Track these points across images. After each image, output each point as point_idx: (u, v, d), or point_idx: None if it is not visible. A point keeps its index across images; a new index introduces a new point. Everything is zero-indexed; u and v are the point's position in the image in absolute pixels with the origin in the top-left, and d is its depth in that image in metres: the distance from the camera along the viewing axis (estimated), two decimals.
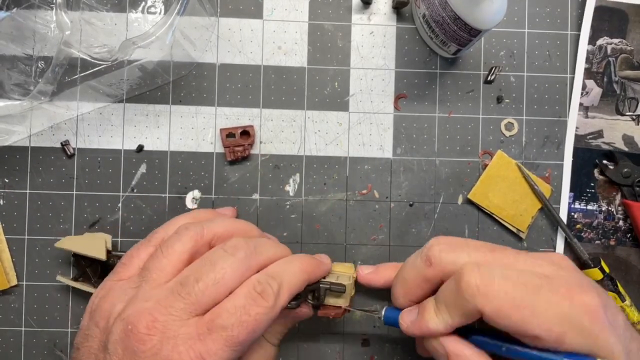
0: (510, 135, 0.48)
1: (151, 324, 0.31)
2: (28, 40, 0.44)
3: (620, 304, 0.46)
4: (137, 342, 0.31)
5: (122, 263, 0.37)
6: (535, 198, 0.47)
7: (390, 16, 0.48)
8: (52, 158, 0.46)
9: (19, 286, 0.46)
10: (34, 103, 0.37)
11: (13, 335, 0.46)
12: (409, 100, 0.48)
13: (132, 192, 0.47)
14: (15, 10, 0.43)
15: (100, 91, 0.44)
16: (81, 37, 0.44)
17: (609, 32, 0.49)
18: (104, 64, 0.38)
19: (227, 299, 0.33)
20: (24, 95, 0.38)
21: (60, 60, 0.37)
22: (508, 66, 0.48)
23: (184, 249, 0.35)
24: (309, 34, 0.48)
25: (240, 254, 0.34)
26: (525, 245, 0.48)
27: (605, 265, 0.47)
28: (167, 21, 0.37)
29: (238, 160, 0.47)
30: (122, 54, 0.37)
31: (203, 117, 0.47)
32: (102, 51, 0.39)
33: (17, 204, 0.46)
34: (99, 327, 0.33)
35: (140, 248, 0.37)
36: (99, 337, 0.33)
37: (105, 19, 0.46)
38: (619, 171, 0.48)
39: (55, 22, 0.38)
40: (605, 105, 0.49)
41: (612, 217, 0.49)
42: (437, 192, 0.48)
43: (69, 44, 0.38)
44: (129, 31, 0.47)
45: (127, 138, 0.47)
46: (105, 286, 0.36)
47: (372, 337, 0.47)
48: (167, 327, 0.31)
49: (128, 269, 0.36)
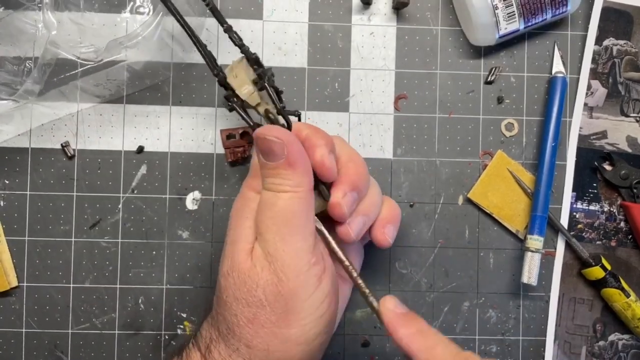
0: (511, 135, 0.48)
1: None
2: (15, 40, 0.44)
3: (625, 300, 0.46)
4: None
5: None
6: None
7: (390, 17, 0.48)
8: (52, 159, 0.46)
9: (20, 287, 0.46)
10: (21, 102, 0.37)
11: (14, 336, 0.46)
12: (409, 101, 0.48)
13: (133, 193, 0.47)
14: (2, 10, 0.43)
15: (88, 91, 0.44)
16: (68, 37, 0.44)
17: (615, 33, 0.49)
18: (90, 64, 0.38)
19: None
20: (12, 95, 0.38)
21: (47, 59, 0.37)
22: (508, 66, 0.48)
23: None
24: (309, 34, 0.48)
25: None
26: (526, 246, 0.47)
27: (607, 262, 0.46)
28: (153, 21, 0.37)
29: (238, 161, 0.47)
30: (109, 54, 0.38)
31: (203, 118, 0.47)
32: (88, 51, 0.39)
33: (17, 205, 0.46)
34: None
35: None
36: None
37: (94, 19, 0.46)
38: (617, 173, 0.48)
39: (43, 22, 0.38)
40: (610, 106, 0.49)
41: (613, 218, 0.48)
42: (437, 193, 0.48)
43: (56, 44, 0.38)
44: (117, 32, 0.46)
45: (127, 139, 0.47)
46: None
47: (372, 338, 0.47)
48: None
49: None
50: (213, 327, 0.35)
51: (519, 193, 0.48)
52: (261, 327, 0.33)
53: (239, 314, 0.33)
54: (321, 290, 0.34)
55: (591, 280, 0.47)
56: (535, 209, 0.46)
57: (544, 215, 0.46)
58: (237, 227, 0.35)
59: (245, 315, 0.33)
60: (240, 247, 0.34)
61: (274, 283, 0.32)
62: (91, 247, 0.46)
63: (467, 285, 0.48)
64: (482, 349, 0.47)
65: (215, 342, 0.34)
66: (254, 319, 0.33)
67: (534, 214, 0.46)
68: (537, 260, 0.45)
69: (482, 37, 0.46)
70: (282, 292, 0.32)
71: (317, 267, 0.34)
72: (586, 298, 0.48)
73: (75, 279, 0.46)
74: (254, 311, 0.33)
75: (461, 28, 0.48)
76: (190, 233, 0.47)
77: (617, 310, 0.46)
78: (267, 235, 0.33)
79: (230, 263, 0.34)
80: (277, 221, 0.33)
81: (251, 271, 0.33)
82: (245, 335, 0.33)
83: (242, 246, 0.34)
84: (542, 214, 0.46)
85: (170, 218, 0.47)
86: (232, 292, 0.33)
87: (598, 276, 0.46)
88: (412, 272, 0.48)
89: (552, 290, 0.48)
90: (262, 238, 0.33)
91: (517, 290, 0.48)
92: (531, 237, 0.45)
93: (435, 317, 0.47)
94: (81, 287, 0.46)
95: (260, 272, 0.33)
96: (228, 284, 0.34)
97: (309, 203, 0.34)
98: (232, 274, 0.34)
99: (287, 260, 0.33)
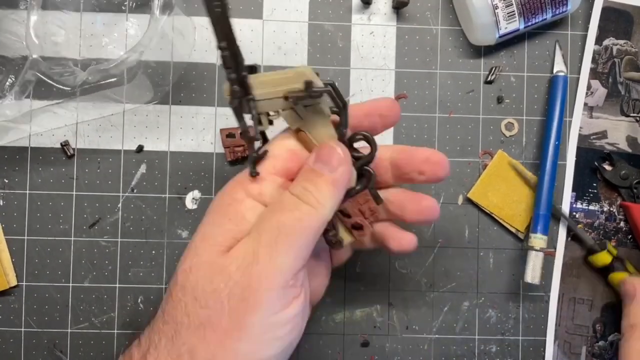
0: (511, 135, 0.48)
1: None
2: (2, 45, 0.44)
3: None
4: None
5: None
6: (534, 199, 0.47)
7: (390, 16, 0.48)
8: (52, 158, 0.46)
9: (19, 287, 0.46)
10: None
11: (13, 335, 0.46)
12: (409, 101, 0.48)
13: (132, 192, 0.47)
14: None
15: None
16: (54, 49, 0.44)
17: (615, 33, 0.49)
18: (68, 89, 0.39)
19: None
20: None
21: (26, 79, 0.38)
22: (508, 66, 0.48)
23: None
24: (309, 34, 0.48)
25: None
26: (526, 246, 0.47)
27: (613, 247, 0.46)
28: (137, 49, 0.38)
29: (238, 161, 0.47)
30: (90, 78, 0.38)
31: (203, 118, 0.47)
32: (68, 77, 0.39)
33: (16, 204, 0.46)
34: None
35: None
36: None
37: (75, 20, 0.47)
38: (617, 173, 0.48)
39: (25, 42, 0.38)
40: (610, 105, 0.49)
41: (613, 218, 0.48)
42: (437, 192, 0.48)
43: (37, 65, 0.38)
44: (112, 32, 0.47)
45: (126, 138, 0.47)
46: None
47: (372, 338, 0.47)
48: None
49: None
50: (154, 332, 0.32)
51: (520, 193, 0.48)
52: (212, 332, 0.30)
53: (192, 314, 0.30)
54: (286, 313, 0.32)
55: (597, 268, 0.47)
56: (538, 207, 0.46)
57: (548, 213, 0.46)
58: (214, 225, 0.33)
59: (198, 317, 0.30)
60: (213, 244, 0.32)
61: (244, 287, 0.30)
62: (90, 246, 0.46)
63: (466, 285, 0.48)
64: (481, 349, 0.47)
65: (155, 347, 0.31)
66: (207, 322, 0.30)
67: (537, 212, 0.46)
68: (540, 259, 0.45)
69: (482, 37, 0.46)
70: (247, 299, 0.30)
71: (293, 289, 0.32)
72: (586, 298, 0.48)
73: (74, 278, 0.46)
74: (209, 314, 0.30)
75: (461, 28, 0.48)
76: (189, 232, 0.47)
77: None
78: (264, 236, 0.31)
79: (196, 259, 0.32)
80: (284, 227, 0.31)
81: (223, 269, 0.31)
82: (191, 339, 0.30)
83: (215, 245, 0.32)
84: (546, 212, 0.46)
85: (169, 217, 0.47)
86: (191, 290, 0.31)
87: (605, 262, 0.46)
88: (412, 272, 0.48)
89: (552, 290, 0.48)
90: (256, 237, 0.31)
91: (517, 290, 0.48)
92: (534, 235, 0.45)
93: (435, 317, 0.47)
94: (80, 287, 0.46)
95: (233, 271, 0.30)
96: (188, 281, 0.31)
97: (322, 226, 0.32)
98: (196, 270, 0.31)
99: (269, 269, 0.30)
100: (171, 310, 0.31)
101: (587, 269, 0.48)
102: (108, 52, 0.47)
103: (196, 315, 0.30)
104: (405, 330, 0.47)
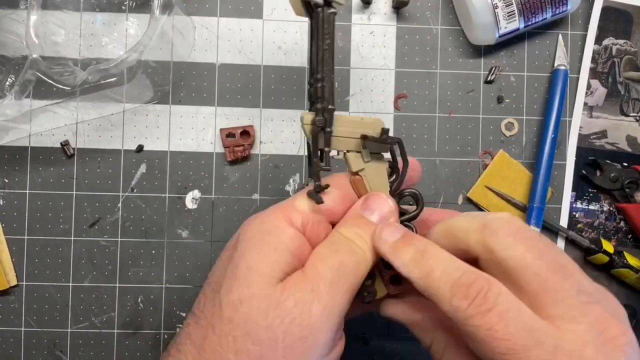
0: (511, 135, 0.48)
1: None
2: (2, 45, 0.44)
3: (636, 276, 0.46)
4: None
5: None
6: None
7: (390, 16, 0.48)
8: (52, 158, 0.46)
9: (19, 286, 0.46)
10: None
11: (13, 335, 0.46)
12: (409, 100, 0.48)
13: (132, 192, 0.47)
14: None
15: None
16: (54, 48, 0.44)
17: (615, 32, 0.49)
18: (68, 88, 0.39)
19: None
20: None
21: (26, 79, 0.38)
22: (508, 66, 0.48)
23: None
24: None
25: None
26: None
27: (609, 244, 0.47)
28: (137, 49, 0.38)
29: (238, 160, 0.47)
30: (89, 78, 0.38)
31: (203, 117, 0.47)
32: (68, 77, 0.39)
33: (16, 204, 0.46)
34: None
35: None
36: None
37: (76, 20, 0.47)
38: (606, 177, 0.48)
39: (25, 42, 0.38)
40: (609, 105, 0.49)
41: (613, 217, 0.48)
42: (437, 192, 0.48)
43: (37, 65, 0.38)
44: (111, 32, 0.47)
45: (126, 138, 0.47)
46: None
47: (372, 337, 0.47)
48: None
49: None
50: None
51: (519, 193, 0.48)
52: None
53: (241, 351, 0.28)
54: (332, 356, 0.31)
55: (600, 265, 0.47)
56: (533, 200, 0.46)
57: (541, 206, 0.46)
58: (261, 255, 0.30)
59: (248, 354, 0.28)
60: (262, 276, 0.29)
61: (302, 325, 0.28)
62: (90, 246, 0.46)
63: None
64: None
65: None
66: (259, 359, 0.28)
67: (530, 204, 0.46)
68: None
69: (482, 37, 0.46)
70: (306, 338, 0.28)
71: (339, 332, 0.31)
72: None
73: (74, 278, 0.46)
74: (261, 351, 0.28)
75: (461, 27, 0.48)
76: (189, 232, 0.47)
77: (631, 284, 0.47)
78: (323, 275, 0.29)
79: (247, 291, 0.29)
80: (345, 269, 0.30)
81: (279, 304, 0.28)
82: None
83: (264, 276, 0.29)
84: (540, 204, 0.46)
85: (169, 217, 0.47)
86: (243, 324, 0.28)
87: (604, 260, 0.47)
88: None
89: None
90: (314, 275, 0.30)
91: None
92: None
93: None
94: (80, 286, 0.46)
95: (291, 307, 0.28)
96: (239, 314, 0.28)
97: (368, 269, 0.32)
98: (248, 303, 0.29)
99: (330, 309, 0.29)
100: (215, 347, 0.29)
101: (588, 267, 0.48)
102: (108, 51, 0.47)
103: (246, 352, 0.28)
104: (406, 330, 0.47)
